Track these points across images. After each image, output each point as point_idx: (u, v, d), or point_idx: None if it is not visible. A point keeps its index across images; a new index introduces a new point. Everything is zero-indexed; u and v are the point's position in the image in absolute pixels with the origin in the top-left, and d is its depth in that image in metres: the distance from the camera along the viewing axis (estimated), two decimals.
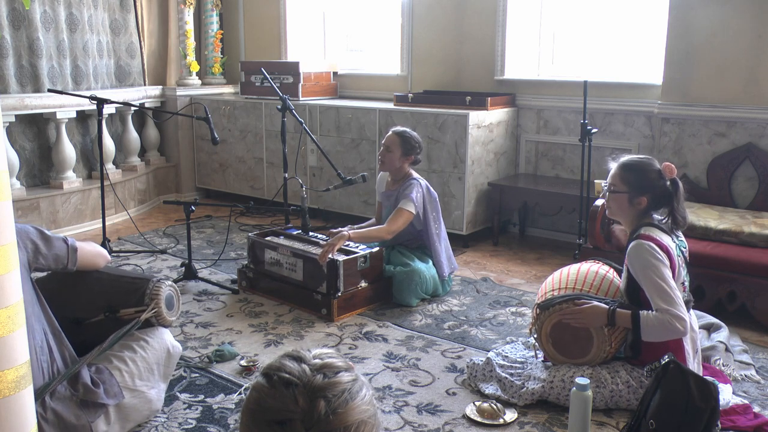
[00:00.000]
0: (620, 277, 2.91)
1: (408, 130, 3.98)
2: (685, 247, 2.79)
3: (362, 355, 3.19)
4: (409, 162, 3.94)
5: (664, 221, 2.74)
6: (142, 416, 2.53)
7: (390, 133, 3.94)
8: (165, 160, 6.48)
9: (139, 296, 2.59)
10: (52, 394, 2.23)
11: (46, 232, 2.41)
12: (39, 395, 2.18)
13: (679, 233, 2.79)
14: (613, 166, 2.79)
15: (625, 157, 2.81)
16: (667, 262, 2.59)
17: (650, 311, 2.57)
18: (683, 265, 2.74)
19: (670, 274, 2.58)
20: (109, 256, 2.70)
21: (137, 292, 2.60)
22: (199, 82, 6.50)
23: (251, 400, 1.05)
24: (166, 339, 2.63)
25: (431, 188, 3.97)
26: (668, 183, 2.71)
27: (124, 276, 2.71)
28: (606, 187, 2.80)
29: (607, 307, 2.65)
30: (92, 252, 2.58)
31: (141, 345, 2.53)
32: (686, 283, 2.76)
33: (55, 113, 5.19)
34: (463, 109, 4.86)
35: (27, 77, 5.30)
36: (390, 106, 5.26)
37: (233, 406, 2.72)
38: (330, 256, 3.60)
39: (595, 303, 2.68)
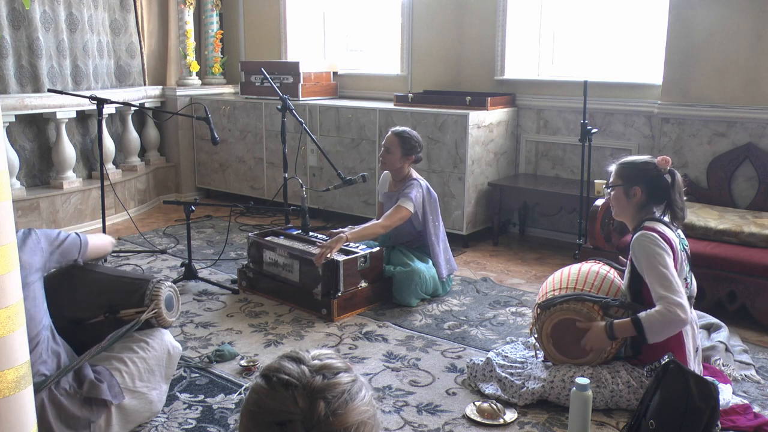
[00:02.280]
0: (621, 276, 2.92)
1: (407, 129, 3.98)
2: (687, 246, 2.79)
3: (362, 355, 3.19)
4: (410, 162, 3.94)
5: (663, 216, 2.74)
6: (142, 417, 2.53)
7: (389, 133, 3.95)
8: (165, 160, 6.48)
9: (139, 297, 2.59)
10: (56, 386, 2.25)
11: (53, 231, 2.52)
12: (40, 388, 2.20)
13: (680, 232, 2.79)
14: (613, 165, 2.84)
15: (624, 158, 2.87)
16: (670, 252, 2.60)
17: (650, 310, 2.56)
18: (686, 261, 2.74)
19: (673, 264, 2.59)
20: (113, 240, 2.88)
21: (137, 292, 2.60)
22: (199, 82, 6.50)
23: (251, 402, 1.05)
24: (166, 340, 2.63)
25: (431, 189, 3.97)
26: (665, 175, 2.72)
27: (123, 276, 2.71)
28: (606, 188, 2.84)
29: (604, 324, 2.65)
30: (99, 245, 2.72)
31: (141, 346, 2.53)
32: (689, 280, 2.76)
33: (55, 113, 5.19)
34: (463, 109, 4.86)
35: (27, 77, 5.30)
36: (390, 106, 5.26)
37: (233, 406, 2.72)
38: (329, 255, 3.60)
39: (594, 324, 2.67)
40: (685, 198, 2.79)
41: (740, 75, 4.17)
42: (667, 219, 2.75)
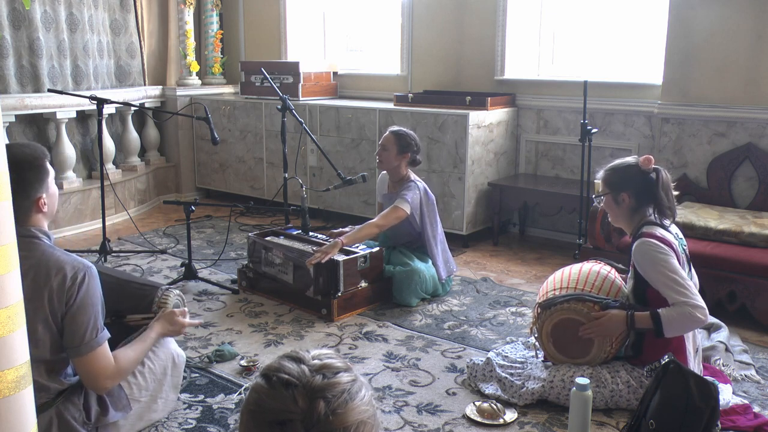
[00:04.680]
0: (621, 277, 2.92)
1: (404, 129, 4.00)
2: (685, 246, 2.79)
3: (362, 355, 3.19)
4: (406, 160, 3.93)
5: (655, 216, 2.72)
6: (147, 424, 2.53)
7: (386, 132, 3.96)
8: (165, 160, 6.48)
9: (147, 304, 2.59)
10: (66, 410, 2.22)
11: (98, 301, 2.19)
12: (49, 405, 2.19)
13: (679, 232, 2.79)
14: (600, 172, 2.82)
15: (610, 163, 2.82)
16: (673, 255, 2.58)
17: (668, 307, 2.55)
18: (685, 262, 2.73)
19: (679, 266, 2.58)
20: (120, 379, 2.33)
21: (145, 299, 2.59)
22: (199, 82, 6.50)
23: (251, 401, 1.05)
24: (171, 347, 2.62)
25: (429, 191, 3.97)
26: (650, 174, 2.68)
27: (132, 281, 2.70)
28: (594, 197, 2.83)
29: (626, 312, 2.64)
30: (114, 368, 2.24)
31: (148, 356, 2.51)
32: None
33: (55, 113, 5.19)
34: (463, 109, 4.86)
35: (27, 77, 5.30)
36: (390, 106, 5.26)
37: (233, 406, 2.72)
38: (323, 261, 3.58)
39: (613, 312, 2.66)
40: (675, 193, 2.75)
41: (740, 75, 4.17)
42: (658, 219, 2.74)
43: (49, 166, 2.22)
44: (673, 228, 2.76)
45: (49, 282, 2.09)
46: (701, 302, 2.53)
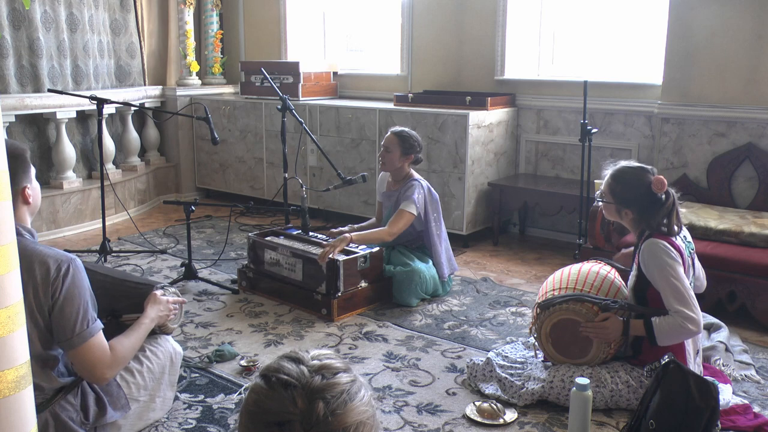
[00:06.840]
0: (622, 277, 2.92)
1: (406, 129, 3.98)
2: (692, 249, 2.78)
3: (362, 355, 3.19)
4: (410, 161, 3.94)
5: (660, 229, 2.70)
6: (146, 423, 2.53)
7: (389, 133, 3.95)
8: (165, 160, 6.48)
9: (143, 302, 2.58)
10: (62, 411, 2.21)
11: (86, 293, 2.17)
12: (45, 406, 2.18)
13: (687, 235, 2.78)
14: (606, 174, 2.77)
15: (619, 165, 2.76)
16: (681, 261, 2.59)
17: (661, 316, 2.56)
18: (691, 266, 2.73)
19: (684, 273, 2.58)
20: (118, 369, 2.32)
21: (141, 297, 2.58)
22: (199, 82, 6.50)
23: (250, 402, 1.05)
24: (169, 346, 2.62)
25: (432, 189, 3.97)
26: (661, 196, 2.65)
27: (127, 280, 2.70)
28: (597, 195, 2.81)
29: (623, 319, 2.64)
30: (111, 357, 2.23)
31: (146, 356, 2.50)
32: (691, 282, 2.75)
33: (55, 113, 5.19)
34: (463, 109, 4.86)
35: (27, 77, 5.30)
36: (390, 106, 5.26)
37: (233, 406, 2.73)
38: (332, 255, 3.60)
39: (614, 317, 2.66)
40: (682, 211, 2.72)
41: (740, 75, 4.17)
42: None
43: (29, 161, 2.21)
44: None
45: (32, 275, 2.06)
46: (696, 314, 2.53)
